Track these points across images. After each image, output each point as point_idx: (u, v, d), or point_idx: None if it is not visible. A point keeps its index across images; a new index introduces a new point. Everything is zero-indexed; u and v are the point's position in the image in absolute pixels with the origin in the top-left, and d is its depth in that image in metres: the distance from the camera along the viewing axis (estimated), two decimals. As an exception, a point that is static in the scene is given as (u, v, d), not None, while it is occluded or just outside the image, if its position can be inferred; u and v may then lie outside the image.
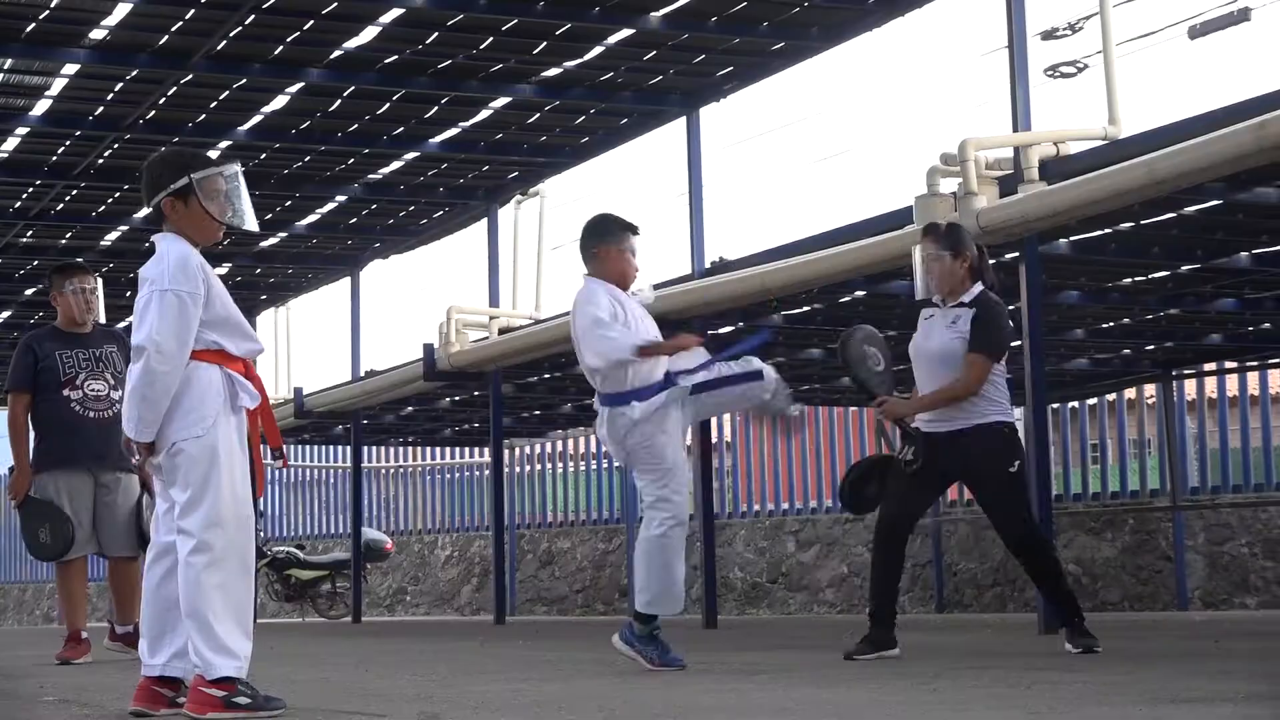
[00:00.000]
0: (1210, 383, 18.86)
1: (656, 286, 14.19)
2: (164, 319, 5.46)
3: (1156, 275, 13.75)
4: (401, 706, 5.89)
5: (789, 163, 71.10)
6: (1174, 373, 17.62)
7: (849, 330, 8.52)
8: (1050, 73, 23.39)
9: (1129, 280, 14.07)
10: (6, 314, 23.79)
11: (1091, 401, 19.47)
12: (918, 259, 8.50)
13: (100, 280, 10.40)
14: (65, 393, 9.77)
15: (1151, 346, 16.87)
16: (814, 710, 5.40)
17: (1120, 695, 5.59)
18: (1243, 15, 20.09)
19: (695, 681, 6.82)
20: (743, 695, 6.02)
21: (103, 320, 10.27)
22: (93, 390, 9.79)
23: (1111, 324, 15.73)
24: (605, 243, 8.02)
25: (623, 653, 7.77)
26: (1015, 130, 11.35)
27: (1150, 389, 18.85)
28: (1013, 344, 8.69)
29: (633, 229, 8.07)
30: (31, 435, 9.86)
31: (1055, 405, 19.32)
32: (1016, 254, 11.18)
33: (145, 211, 18.75)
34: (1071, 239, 12.29)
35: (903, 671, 7.08)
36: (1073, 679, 6.37)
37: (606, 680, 7.08)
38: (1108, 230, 12.26)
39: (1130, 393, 18.99)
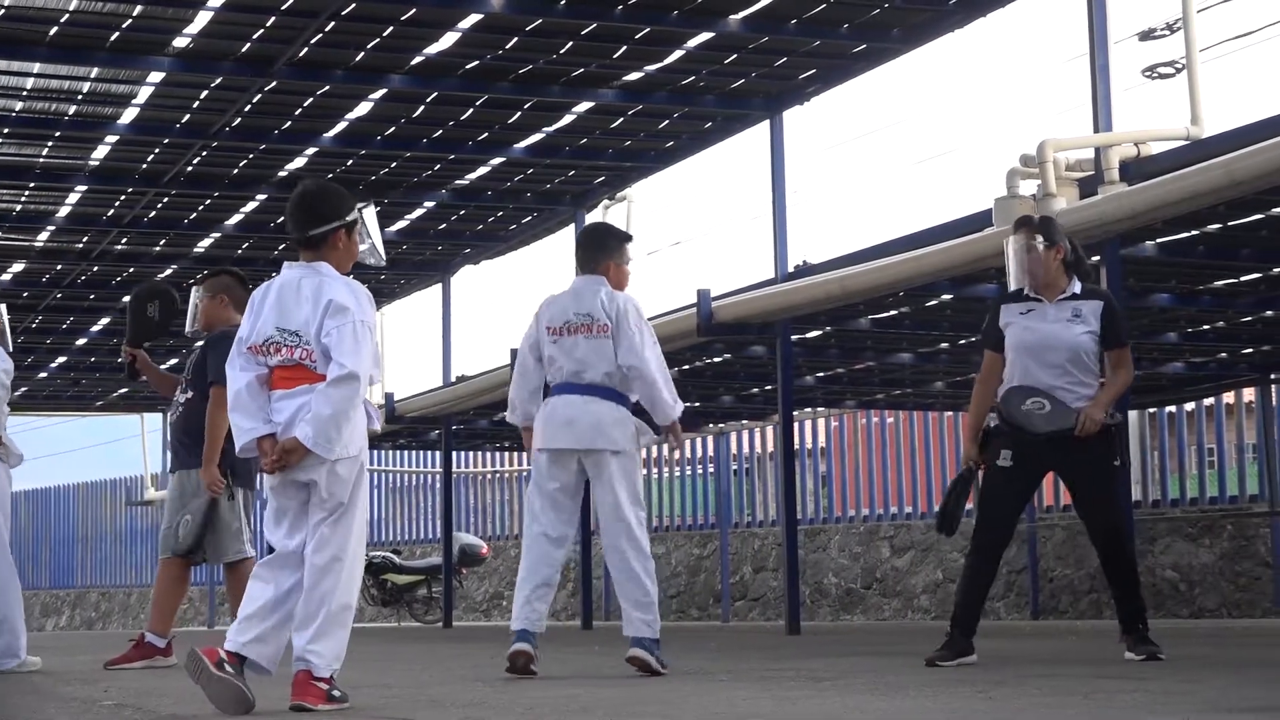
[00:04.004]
0: (1311, 386, 18.50)
1: (739, 291, 14.22)
2: (366, 350, 5.84)
3: (1248, 277, 13.53)
4: (450, 712, 5.86)
5: (882, 166, 70.84)
6: (1273, 376, 17.33)
7: (1005, 407, 8.11)
8: (1149, 73, 23.06)
9: (1221, 283, 13.85)
10: (105, 320, 24.07)
11: (1189, 406, 19.18)
12: (1010, 251, 8.38)
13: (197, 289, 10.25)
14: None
15: (1249, 350, 16.60)
16: (857, 717, 5.31)
17: (1177, 704, 5.46)
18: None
19: (750, 688, 6.74)
20: (793, 703, 5.94)
21: (189, 327, 10.19)
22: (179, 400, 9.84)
23: (1206, 327, 15.49)
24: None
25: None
26: (1097, 131, 11.20)
27: (1249, 393, 18.55)
28: None
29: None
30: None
31: (1152, 410, 19.07)
32: (1097, 256, 11.02)
33: (237, 219, 18.67)
34: (1158, 241, 12.11)
35: (967, 678, 6.97)
36: (1133, 687, 6.23)
37: (663, 686, 7.02)
38: (1195, 232, 12.07)
39: (1229, 397, 18.70)
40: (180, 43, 13.58)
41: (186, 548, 9.51)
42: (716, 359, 16.66)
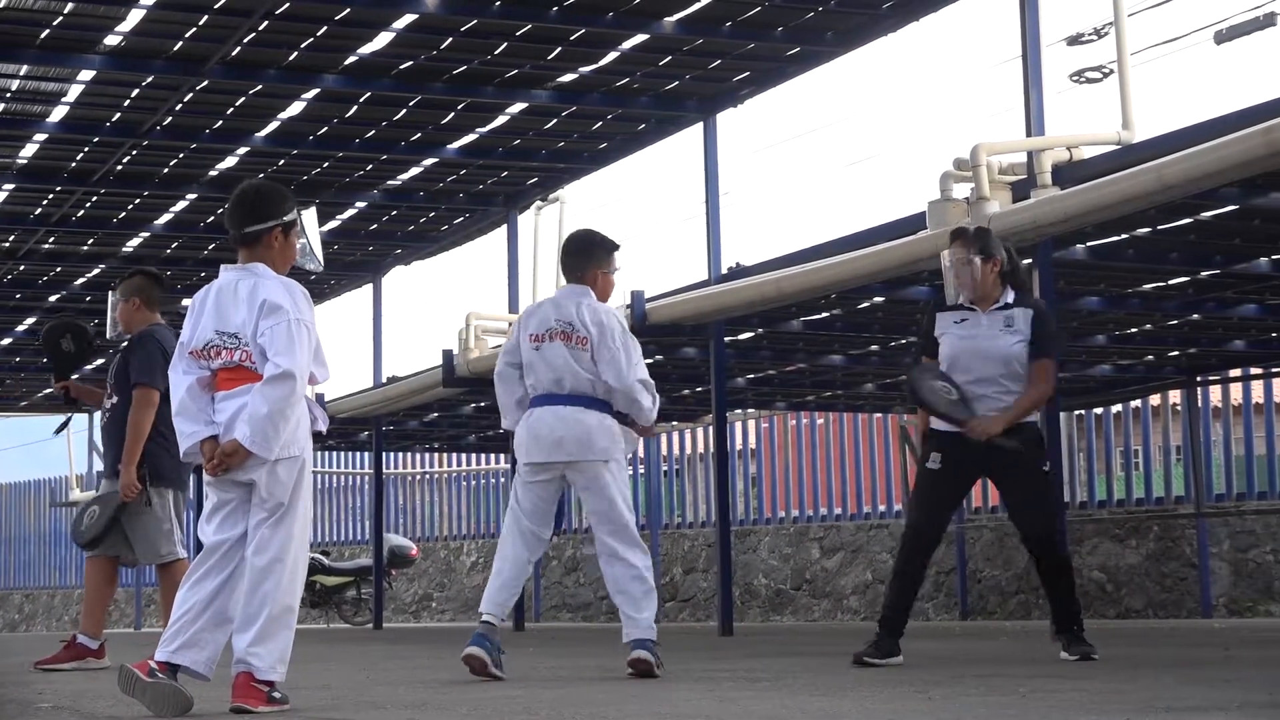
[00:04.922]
0: (1235, 388, 18.73)
1: (674, 292, 14.25)
2: (304, 349, 5.87)
3: (1176, 281, 13.67)
4: (392, 714, 5.85)
5: (815, 168, 71.04)
6: (1198, 379, 17.52)
7: (914, 373, 8.32)
8: (1076, 78, 23.22)
9: (1149, 286, 13.98)
10: (31, 320, 23.85)
11: (1116, 408, 19.36)
12: (946, 263, 8.38)
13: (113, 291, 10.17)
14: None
15: (1175, 352, 16.78)
16: (799, 717, 5.34)
17: (1114, 704, 5.52)
18: (1269, 20, 19.93)
19: (690, 689, 6.77)
20: (732, 703, 5.96)
21: (110, 332, 10.11)
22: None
23: (1134, 330, 15.63)
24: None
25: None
26: (1029, 135, 11.27)
27: (1175, 395, 18.75)
28: None
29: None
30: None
31: (1080, 412, 19.22)
32: (1030, 260, 11.10)
33: (166, 219, 18.44)
34: (1089, 245, 12.21)
35: (904, 679, 7.02)
36: (1070, 687, 6.30)
37: (604, 687, 7.03)
38: (1124, 236, 12.18)
39: (1155, 399, 18.88)
40: (111, 40, 13.47)
41: (87, 540, 9.39)
42: (649, 360, 16.64)
